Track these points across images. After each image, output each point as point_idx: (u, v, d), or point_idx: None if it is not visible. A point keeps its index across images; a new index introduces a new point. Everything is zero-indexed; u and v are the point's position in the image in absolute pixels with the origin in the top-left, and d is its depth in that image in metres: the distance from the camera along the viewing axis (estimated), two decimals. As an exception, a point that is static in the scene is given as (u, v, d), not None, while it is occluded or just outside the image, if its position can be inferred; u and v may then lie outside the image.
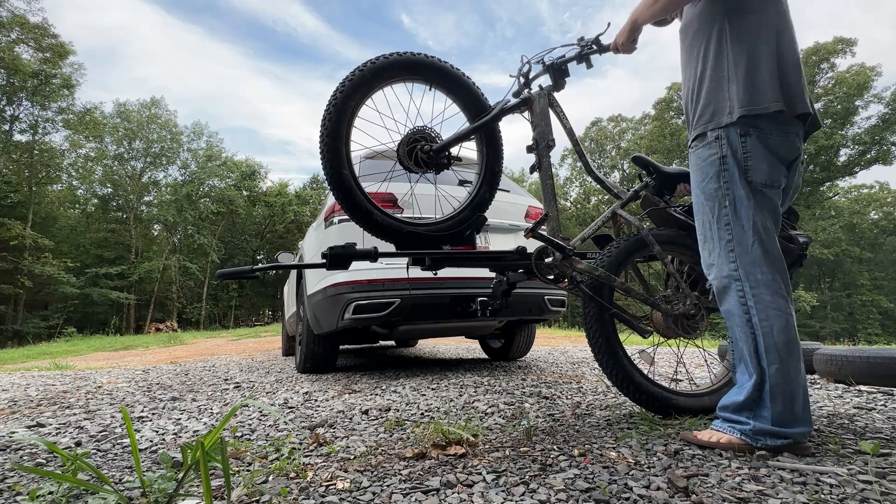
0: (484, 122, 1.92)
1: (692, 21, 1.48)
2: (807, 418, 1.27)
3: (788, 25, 1.37)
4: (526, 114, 1.97)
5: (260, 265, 1.79)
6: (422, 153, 1.84)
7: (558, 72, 1.99)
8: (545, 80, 1.99)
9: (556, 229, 1.85)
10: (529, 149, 1.97)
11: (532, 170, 1.98)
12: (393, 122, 1.88)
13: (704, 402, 1.69)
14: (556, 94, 1.97)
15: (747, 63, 1.32)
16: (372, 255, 1.76)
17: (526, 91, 2.01)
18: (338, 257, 1.72)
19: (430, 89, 1.92)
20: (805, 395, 1.28)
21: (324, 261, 1.74)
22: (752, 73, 1.32)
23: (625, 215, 1.97)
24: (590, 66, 1.94)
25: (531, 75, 2.04)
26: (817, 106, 22.70)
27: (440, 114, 1.94)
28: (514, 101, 1.96)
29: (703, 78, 1.41)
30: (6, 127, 21.90)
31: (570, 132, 1.98)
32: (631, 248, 1.83)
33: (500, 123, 2.10)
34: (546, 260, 1.85)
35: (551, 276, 1.83)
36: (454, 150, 1.93)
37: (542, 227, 1.81)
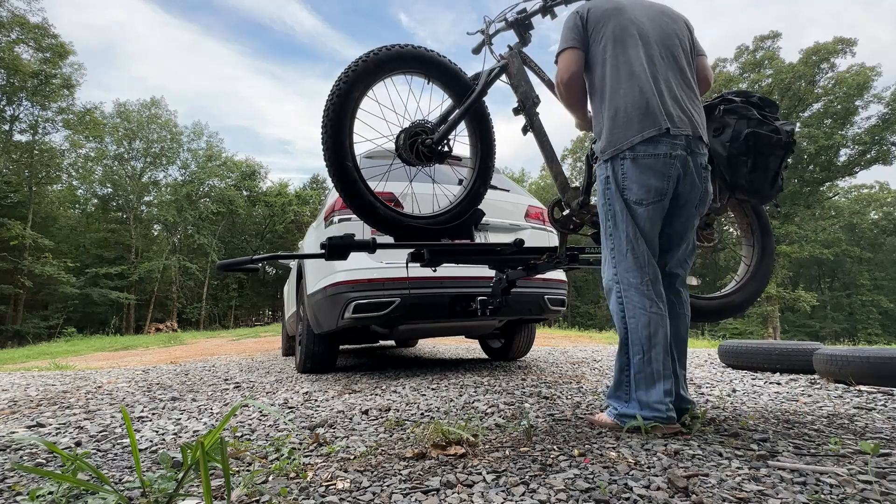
0: (473, 100, 1.92)
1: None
2: (667, 402, 1.44)
3: (632, 63, 1.55)
4: (504, 77, 2.00)
5: (259, 255, 1.81)
6: (423, 146, 1.85)
7: (522, 26, 2.01)
8: (511, 39, 2.04)
9: (565, 183, 1.91)
10: (516, 111, 2.00)
11: (524, 131, 2.00)
12: (388, 118, 1.89)
13: (713, 305, 1.97)
14: (527, 51, 2.01)
15: (609, 109, 1.56)
16: (370, 246, 1.78)
17: (488, 47, 2.05)
18: (336, 247, 1.75)
19: (428, 83, 1.94)
20: (666, 381, 1.45)
21: (323, 251, 1.76)
22: (611, 113, 1.55)
23: None
24: (554, 17, 1.97)
25: (492, 32, 2.08)
26: (817, 106, 22.72)
27: (434, 107, 1.97)
28: (493, 70, 1.97)
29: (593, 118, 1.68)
30: (6, 127, 21.85)
31: (550, 84, 2.00)
32: None
33: (493, 123, 2.14)
34: (564, 213, 1.93)
35: (571, 227, 1.92)
36: (451, 141, 1.95)
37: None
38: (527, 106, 1.94)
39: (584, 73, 1.67)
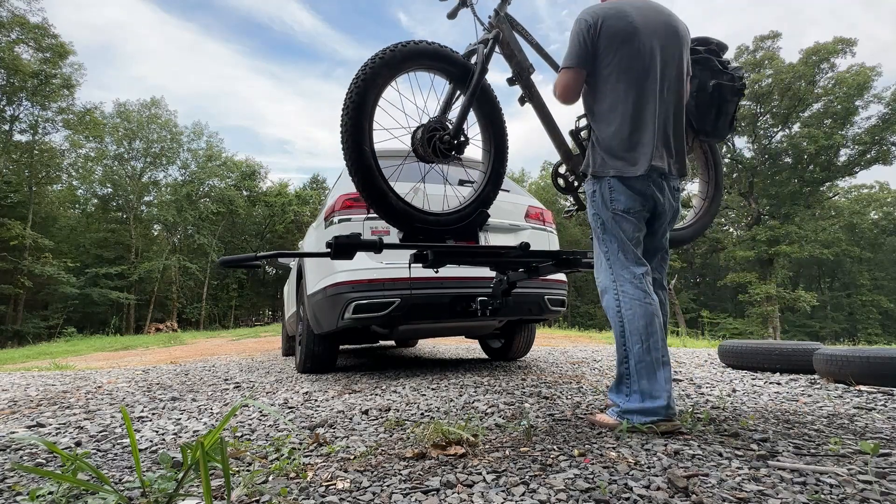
0: (477, 80, 1.88)
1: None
2: (668, 389, 1.49)
3: (635, 100, 1.62)
4: (497, 48, 1.98)
5: (263, 252, 1.80)
6: (441, 143, 1.82)
7: None
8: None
9: (568, 153, 1.94)
10: (511, 81, 1.98)
11: (522, 101, 1.97)
12: (404, 114, 1.87)
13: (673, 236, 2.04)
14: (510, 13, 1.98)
15: (599, 138, 1.68)
16: (376, 246, 1.76)
17: (472, 10, 2.03)
18: (342, 247, 1.73)
19: (449, 84, 1.92)
20: (665, 369, 1.51)
21: (328, 250, 1.74)
22: (601, 144, 1.67)
23: None
24: None
25: None
26: (817, 106, 22.75)
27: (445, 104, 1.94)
28: (487, 42, 1.93)
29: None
30: (6, 127, 21.82)
31: (537, 46, 2.00)
32: None
33: (506, 127, 2.11)
34: (570, 179, 1.97)
35: (579, 184, 1.98)
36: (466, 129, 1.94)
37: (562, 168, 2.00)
38: (523, 76, 1.91)
39: (586, 84, 1.73)
